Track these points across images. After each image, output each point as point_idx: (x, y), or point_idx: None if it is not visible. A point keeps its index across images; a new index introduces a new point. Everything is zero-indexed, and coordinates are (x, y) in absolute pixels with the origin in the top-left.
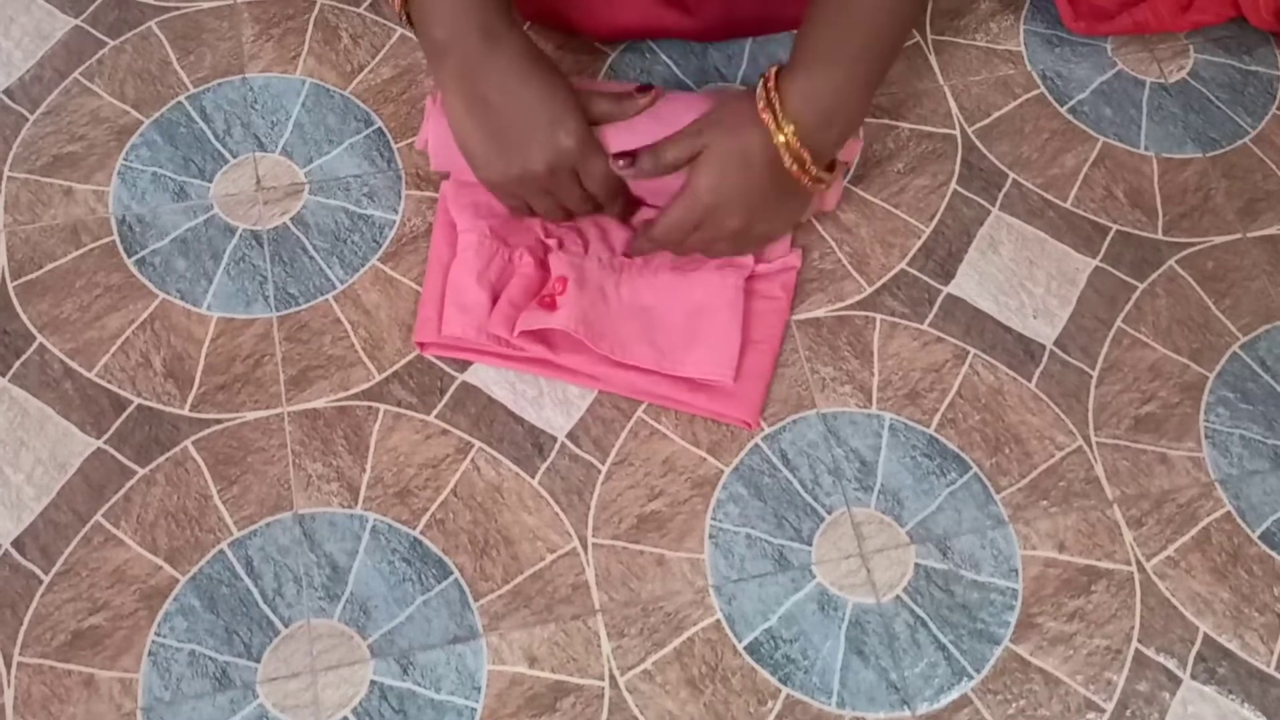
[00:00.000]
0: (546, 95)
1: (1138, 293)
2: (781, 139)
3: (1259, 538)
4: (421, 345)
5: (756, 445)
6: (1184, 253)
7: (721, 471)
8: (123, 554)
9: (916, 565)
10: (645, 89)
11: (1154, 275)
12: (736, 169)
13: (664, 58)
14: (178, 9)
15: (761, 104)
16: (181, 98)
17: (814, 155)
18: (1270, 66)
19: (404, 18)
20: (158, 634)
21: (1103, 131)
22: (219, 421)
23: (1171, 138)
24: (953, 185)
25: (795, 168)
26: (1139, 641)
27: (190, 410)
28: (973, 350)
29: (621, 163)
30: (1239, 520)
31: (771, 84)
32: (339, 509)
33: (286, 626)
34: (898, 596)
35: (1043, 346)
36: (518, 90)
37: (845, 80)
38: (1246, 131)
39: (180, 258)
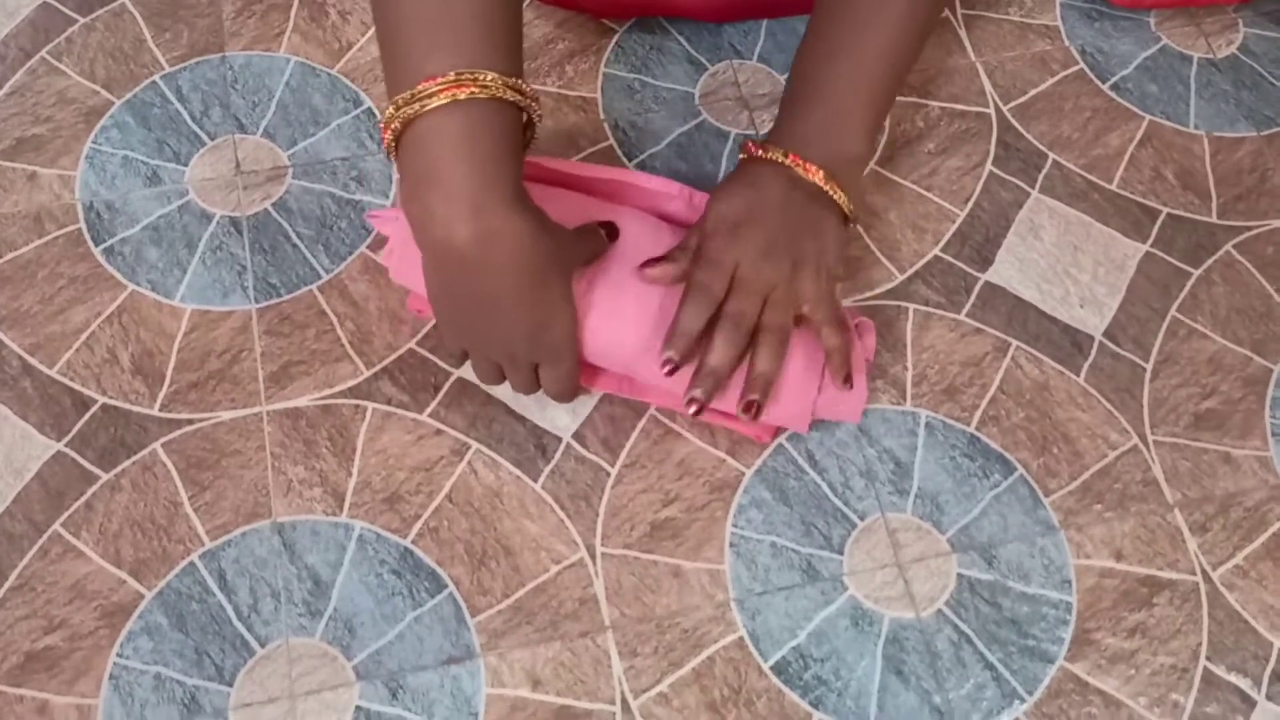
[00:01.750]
0: (538, 300)
1: (1193, 280)
2: (792, 164)
3: None
4: (420, 311)
5: (781, 445)
6: (1241, 237)
7: (743, 474)
8: (83, 567)
9: (959, 576)
10: (610, 226)
11: (1210, 261)
12: (750, 204)
13: (675, 34)
14: None
15: (761, 155)
16: (156, 77)
17: (836, 166)
18: None
19: (391, 154)
20: (120, 655)
21: (1149, 109)
22: (191, 422)
23: (1223, 115)
24: (988, 166)
25: (824, 182)
26: (1207, 659)
27: (160, 410)
28: (1015, 342)
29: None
30: None
31: (757, 148)
32: (322, 516)
33: (263, 646)
34: (939, 610)
35: (1091, 338)
36: (506, 295)
37: (837, 97)
38: None
39: (152, 246)
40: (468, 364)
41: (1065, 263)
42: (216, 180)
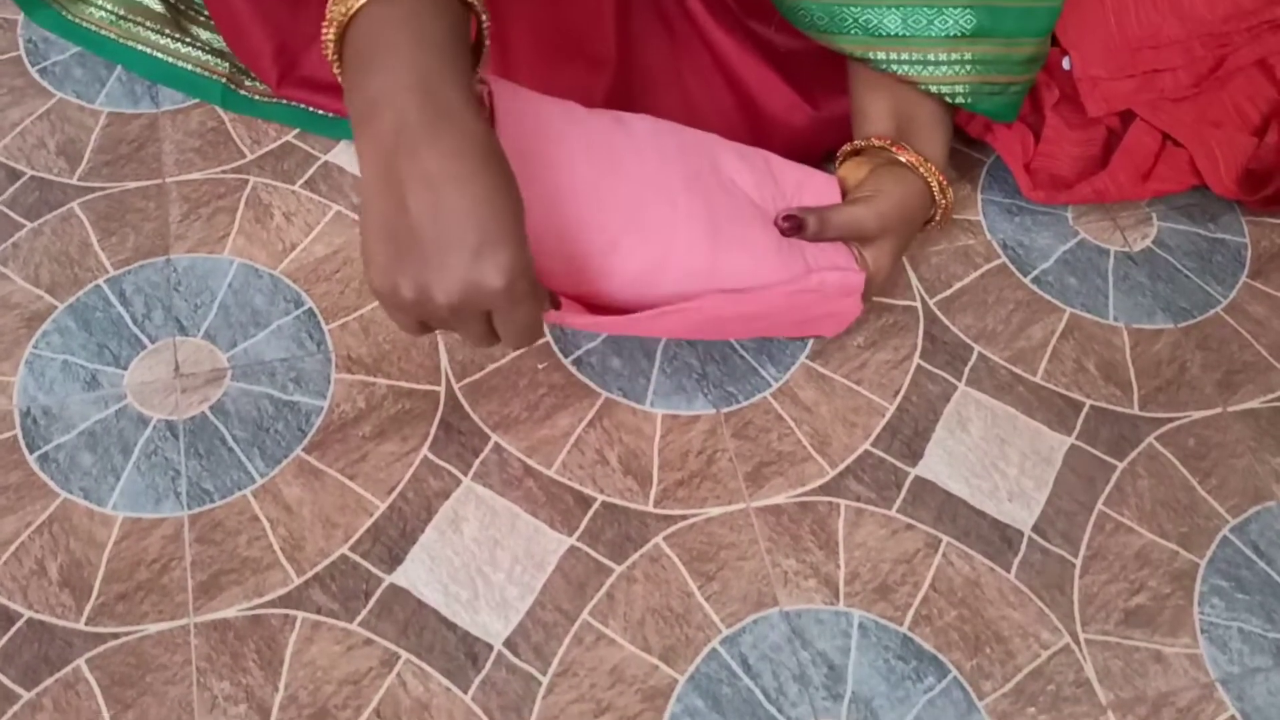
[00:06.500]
0: (483, 208)
1: (1118, 472)
2: (934, 183)
3: None
4: None
5: (714, 650)
6: (1163, 429)
7: (675, 681)
8: None
9: None
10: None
11: (1133, 453)
12: (900, 212)
13: None
14: (103, 189)
15: (906, 159)
16: (100, 281)
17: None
18: (1236, 234)
19: (334, 55)
20: None
21: (1069, 302)
22: (116, 636)
23: (1141, 308)
24: (916, 359)
25: (941, 198)
26: None
27: (86, 624)
28: (945, 538)
29: (786, 225)
30: None
31: (895, 147)
32: None
33: None
34: None
35: (1020, 533)
36: (449, 191)
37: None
38: (1218, 301)
39: (87, 452)
40: (398, 570)
41: (993, 456)
42: (155, 384)
